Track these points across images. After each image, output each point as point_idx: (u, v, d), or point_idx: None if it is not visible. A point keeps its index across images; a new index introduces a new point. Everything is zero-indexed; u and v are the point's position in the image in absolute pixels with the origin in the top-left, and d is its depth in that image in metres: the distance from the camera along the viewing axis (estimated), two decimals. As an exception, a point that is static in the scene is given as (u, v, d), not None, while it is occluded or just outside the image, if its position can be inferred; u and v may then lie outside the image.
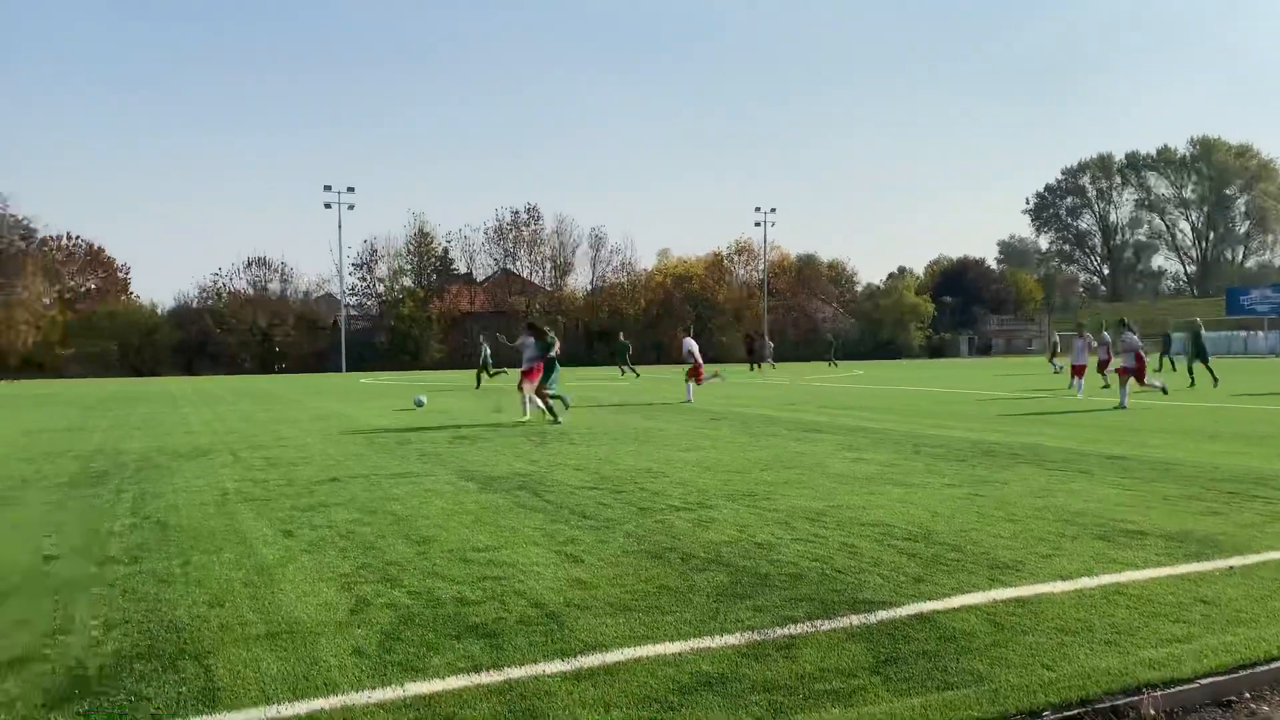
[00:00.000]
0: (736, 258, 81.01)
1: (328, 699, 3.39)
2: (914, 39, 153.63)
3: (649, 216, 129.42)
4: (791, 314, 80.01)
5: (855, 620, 4.24)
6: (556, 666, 3.69)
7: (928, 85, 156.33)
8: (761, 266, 78.59)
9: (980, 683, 3.50)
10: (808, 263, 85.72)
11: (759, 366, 44.59)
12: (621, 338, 40.37)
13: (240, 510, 7.38)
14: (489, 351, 29.46)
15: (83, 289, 68.78)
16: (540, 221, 77.43)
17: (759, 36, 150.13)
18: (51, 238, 67.48)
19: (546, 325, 15.94)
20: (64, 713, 3.32)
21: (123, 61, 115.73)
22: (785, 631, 4.09)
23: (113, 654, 3.92)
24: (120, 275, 71.45)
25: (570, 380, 34.83)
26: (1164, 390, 18.33)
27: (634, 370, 37.82)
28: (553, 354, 15.25)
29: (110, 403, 24.18)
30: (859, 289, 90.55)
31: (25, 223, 65.30)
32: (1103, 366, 24.31)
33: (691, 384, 20.97)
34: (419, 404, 19.99)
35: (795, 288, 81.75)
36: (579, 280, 79.67)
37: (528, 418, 15.42)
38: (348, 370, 59.55)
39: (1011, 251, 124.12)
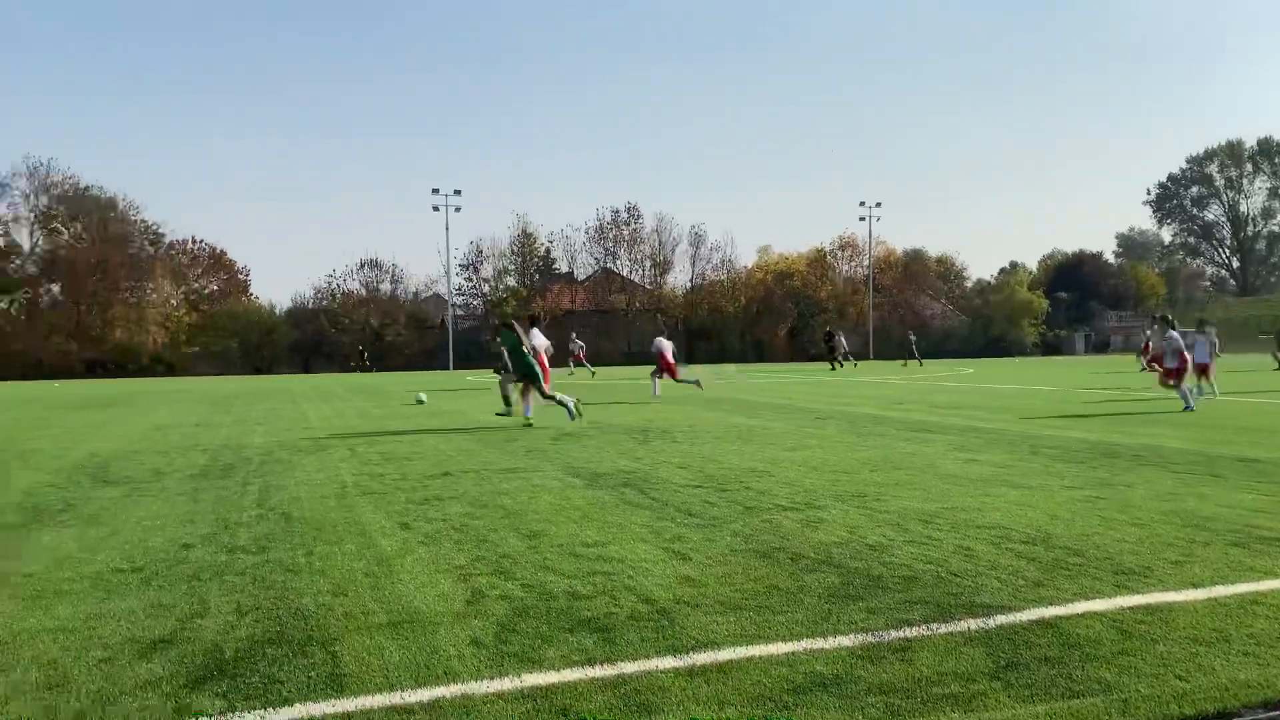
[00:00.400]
0: (840, 254, 79.92)
1: (448, 687, 3.49)
2: (1025, 22, 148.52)
3: (749, 213, 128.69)
4: (898, 310, 78.47)
5: (973, 624, 4.14)
6: (669, 663, 3.71)
7: (1040, 71, 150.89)
8: (866, 262, 77.29)
9: (1108, 692, 3.37)
10: (914, 258, 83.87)
11: (840, 364, 43.80)
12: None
13: (359, 503, 7.65)
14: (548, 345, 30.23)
15: (206, 290, 72.44)
16: (640, 220, 77.95)
17: (861, 27, 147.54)
18: (178, 242, 71.40)
19: (513, 319, 15.04)
20: (204, 692, 3.50)
21: (237, 68, 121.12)
22: (900, 634, 4.02)
23: (246, 638, 4.11)
24: (241, 277, 75.05)
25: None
26: (1188, 404, 17.05)
27: (686, 367, 38.50)
28: (523, 350, 14.17)
29: (233, 399, 25.37)
30: (969, 284, 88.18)
31: (154, 228, 69.25)
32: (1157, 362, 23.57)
33: (658, 380, 22.12)
34: (420, 402, 20.97)
35: (901, 284, 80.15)
36: (678, 278, 79.91)
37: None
38: (455, 368, 60.99)
39: (1131, 244, 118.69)
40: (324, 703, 3.38)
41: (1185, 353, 16.21)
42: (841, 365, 43.72)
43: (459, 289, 73.17)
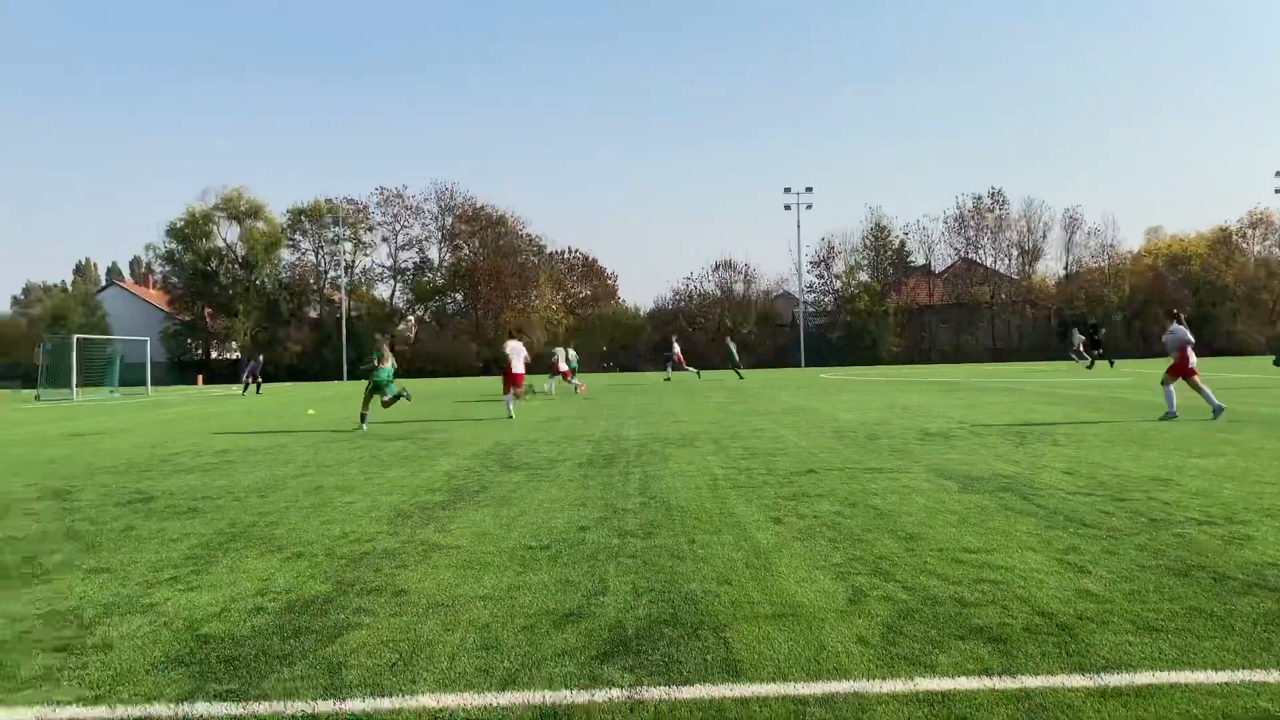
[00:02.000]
0: (1250, 232, 69.64)
1: (840, 683, 3.51)
2: None
3: (1135, 192, 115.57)
4: (1325, 297, 66.77)
5: None
6: (1077, 681, 3.45)
7: None
8: (1283, 241, 66.60)
9: None
10: (1349, 233, 70.77)
11: (1080, 359, 37.96)
12: (729, 340, 41.29)
13: (730, 495, 7.92)
14: (575, 357, 29.52)
15: (581, 295, 78.97)
16: (1006, 206, 73.20)
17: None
18: (556, 252, 78.49)
19: (380, 339, 19.57)
20: (613, 665, 3.81)
21: (603, 93, 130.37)
22: (1369, 677, 3.42)
23: (644, 618, 4.42)
24: (609, 283, 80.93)
25: (1040, 374, 32.32)
26: (1215, 410, 13.73)
27: (738, 372, 38.02)
28: (379, 370, 16.20)
29: (608, 394, 27.35)
30: None
31: (537, 240, 76.74)
32: None
33: (576, 382, 25.98)
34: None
35: (1331, 264, 68.09)
36: (1050, 266, 74.00)
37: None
38: (806, 365, 61.17)
39: None
40: (722, 686, 3.54)
41: (1188, 350, 13.99)
42: (1081, 360, 38.12)
43: (809, 286, 73.32)
